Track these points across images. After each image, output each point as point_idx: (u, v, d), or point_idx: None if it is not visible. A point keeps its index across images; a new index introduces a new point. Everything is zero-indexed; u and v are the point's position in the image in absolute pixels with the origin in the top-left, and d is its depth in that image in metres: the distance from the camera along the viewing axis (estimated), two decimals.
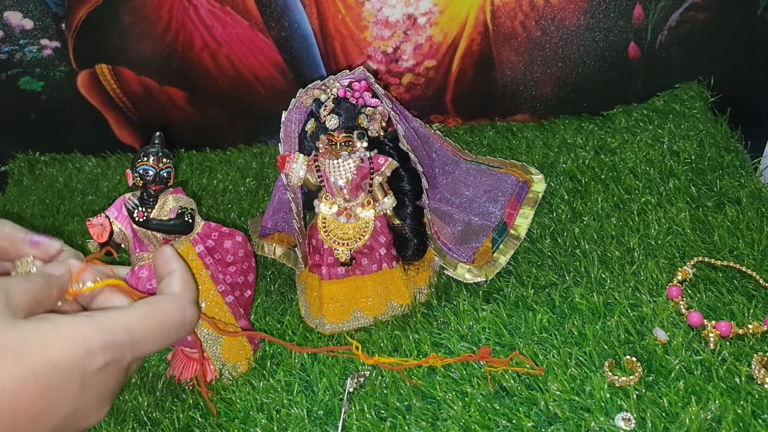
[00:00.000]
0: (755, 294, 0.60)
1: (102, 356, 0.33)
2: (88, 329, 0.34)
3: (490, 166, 0.78)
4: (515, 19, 0.86)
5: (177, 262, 0.42)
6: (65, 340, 0.32)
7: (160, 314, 0.38)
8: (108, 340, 0.34)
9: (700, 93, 0.88)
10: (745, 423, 0.48)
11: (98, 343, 0.33)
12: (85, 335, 0.33)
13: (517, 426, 0.51)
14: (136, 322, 0.36)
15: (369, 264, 0.65)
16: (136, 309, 0.37)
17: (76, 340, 0.33)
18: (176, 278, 0.41)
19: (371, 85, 0.62)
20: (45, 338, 0.32)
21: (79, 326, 0.33)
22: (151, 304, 0.38)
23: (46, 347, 0.31)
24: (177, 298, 0.40)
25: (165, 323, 0.38)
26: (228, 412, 0.58)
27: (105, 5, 0.88)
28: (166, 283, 0.41)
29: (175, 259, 0.42)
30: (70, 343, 0.32)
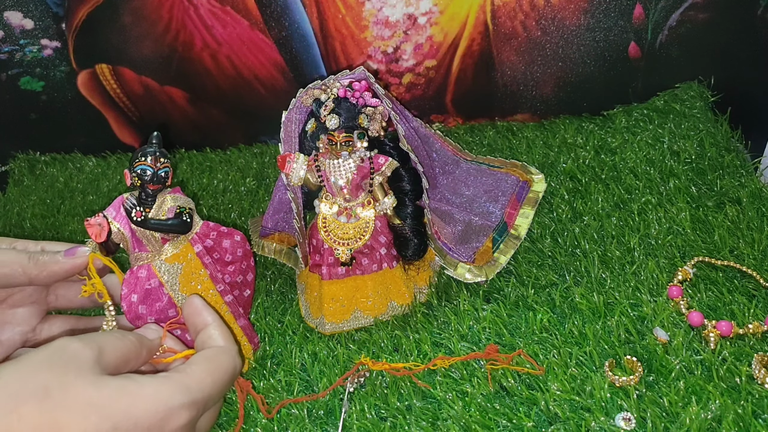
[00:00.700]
0: (756, 294, 0.60)
1: (181, 416, 0.35)
2: (170, 390, 0.35)
3: (490, 165, 0.78)
4: (515, 19, 0.86)
5: (209, 312, 0.44)
6: (148, 399, 0.34)
7: (220, 369, 0.40)
8: (186, 399, 0.35)
9: (700, 93, 0.88)
10: (746, 423, 0.48)
11: (178, 402, 0.35)
12: (167, 396, 0.35)
13: (517, 426, 0.51)
14: (205, 379, 0.38)
15: (369, 264, 0.65)
16: (200, 366, 0.39)
17: (159, 400, 0.34)
18: (216, 330, 0.43)
19: (371, 84, 0.62)
20: (130, 397, 0.33)
21: (160, 387, 0.35)
22: (211, 361, 0.40)
23: (130, 406, 0.33)
24: (228, 350, 0.42)
25: (225, 376, 0.40)
26: (228, 412, 0.58)
27: (105, 5, 0.88)
28: (208, 335, 0.42)
29: (207, 310, 0.44)
30: (152, 403, 0.34)
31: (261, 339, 0.65)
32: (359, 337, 0.64)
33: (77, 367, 0.33)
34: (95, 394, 0.32)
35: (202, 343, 0.42)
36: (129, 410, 0.33)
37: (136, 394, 0.34)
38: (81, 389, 0.32)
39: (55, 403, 0.31)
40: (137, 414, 0.33)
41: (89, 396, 0.32)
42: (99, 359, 0.34)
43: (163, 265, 0.57)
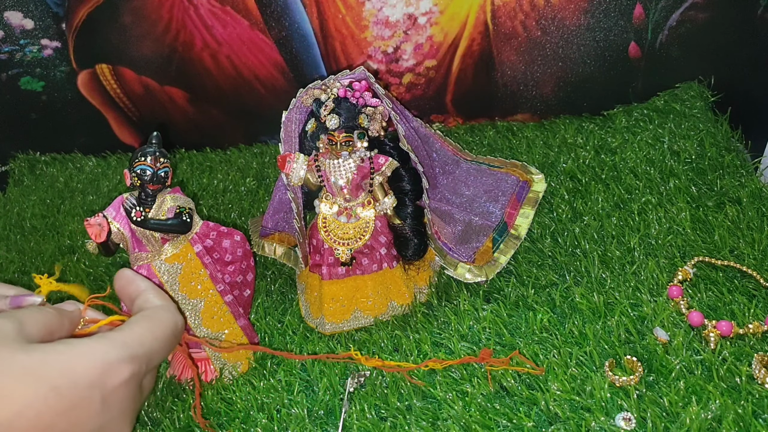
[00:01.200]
0: (756, 294, 0.60)
1: (122, 370, 0.34)
2: (105, 347, 0.34)
3: (490, 165, 0.78)
4: (515, 19, 0.86)
5: (142, 280, 0.43)
6: (84, 357, 0.33)
7: (160, 324, 0.39)
8: (124, 354, 0.34)
9: (700, 93, 0.88)
10: (746, 423, 0.48)
11: (116, 357, 0.34)
12: (102, 352, 0.33)
13: (517, 426, 0.51)
14: (144, 334, 0.37)
15: (369, 264, 0.65)
16: (139, 323, 0.38)
17: (95, 357, 0.33)
18: (151, 294, 0.42)
19: (371, 84, 0.62)
20: (64, 357, 0.32)
21: (95, 345, 0.34)
22: (149, 318, 0.39)
23: (66, 365, 0.32)
24: (166, 307, 0.41)
25: (166, 331, 0.39)
26: (228, 412, 0.58)
27: (105, 5, 0.88)
28: (144, 299, 0.42)
29: (139, 279, 0.43)
30: (89, 361, 0.33)
31: (261, 339, 0.65)
32: (359, 337, 0.64)
33: (3, 339, 0.32)
34: (26, 359, 0.31)
35: (140, 308, 0.41)
36: (65, 369, 0.32)
37: (70, 353, 0.33)
38: (10, 357, 0.31)
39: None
40: (75, 372, 0.32)
41: (20, 361, 0.31)
42: (21, 331, 0.33)
43: (162, 265, 0.57)
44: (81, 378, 0.32)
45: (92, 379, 0.32)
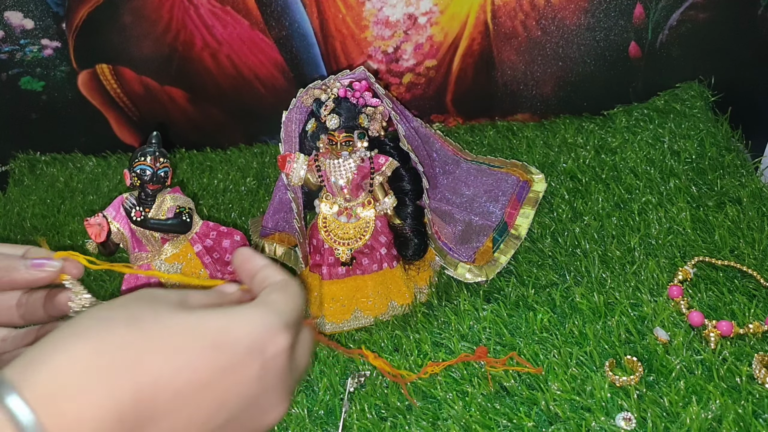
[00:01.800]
0: (756, 294, 0.60)
1: (280, 338, 0.32)
2: (262, 312, 0.33)
3: (490, 165, 0.78)
4: (516, 19, 0.86)
5: (260, 257, 0.41)
6: (244, 321, 0.32)
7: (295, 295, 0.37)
8: (281, 321, 0.33)
9: (700, 92, 0.88)
10: (746, 423, 0.48)
11: (274, 324, 0.32)
12: (260, 317, 0.32)
13: (517, 426, 0.51)
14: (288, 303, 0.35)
15: (369, 264, 0.65)
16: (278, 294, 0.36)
17: (255, 321, 0.32)
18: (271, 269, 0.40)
19: (372, 84, 0.62)
20: (225, 319, 0.31)
21: (253, 310, 0.33)
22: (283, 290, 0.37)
23: (226, 326, 0.31)
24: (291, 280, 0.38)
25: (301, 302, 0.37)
26: None
27: (105, 5, 0.88)
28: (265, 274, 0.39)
29: (257, 255, 0.41)
30: (249, 324, 0.31)
31: None
32: (359, 337, 0.64)
33: (166, 302, 0.31)
34: (187, 317, 0.30)
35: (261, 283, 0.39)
36: (226, 330, 0.30)
37: (230, 316, 0.31)
38: (173, 315, 0.30)
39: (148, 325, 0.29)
40: (235, 333, 0.31)
41: (182, 319, 0.30)
42: (184, 301, 0.33)
43: (162, 265, 0.57)
44: (241, 339, 0.30)
45: (252, 342, 0.31)
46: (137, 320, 0.29)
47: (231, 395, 0.29)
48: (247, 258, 0.41)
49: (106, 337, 0.27)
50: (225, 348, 0.29)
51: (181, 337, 0.29)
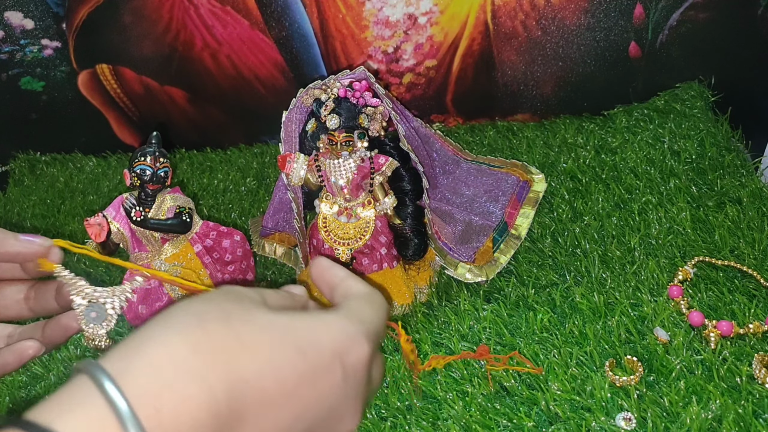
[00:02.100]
0: (756, 294, 0.60)
1: (362, 346, 0.32)
2: (345, 320, 0.33)
3: (490, 165, 0.78)
4: (516, 19, 0.86)
5: (340, 268, 0.41)
6: (327, 327, 0.32)
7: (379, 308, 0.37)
8: (362, 330, 0.33)
9: (700, 92, 0.88)
10: (746, 423, 0.48)
11: (356, 332, 0.32)
12: (343, 324, 0.32)
13: (517, 426, 0.51)
14: (371, 314, 0.35)
15: (369, 264, 0.65)
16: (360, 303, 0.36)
17: (338, 327, 0.32)
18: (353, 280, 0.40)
19: (372, 84, 0.62)
20: (309, 323, 0.31)
21: (335, 317, 0.33)
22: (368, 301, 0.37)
23: (311, 331, 0.31)
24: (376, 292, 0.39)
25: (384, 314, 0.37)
26: None
27: (106, 5, 0.88)
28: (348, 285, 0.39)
29: (336, 266, 0.41)
30: (332, 330, 0.32)
31: None
32: None
33: (251, 301, 0.32)
34: (275, 318, 0.30)
35: (344, 293, 0.39)
36: (311, 334, 0.31)
37: (314, 321, 0.32)
38: (260, 314, 0.30)
39: (240, 324, 0.29)
40: (320, 338, 0.31)
41: (269, 319, 0.30)
42: (264, 301, 0.33)
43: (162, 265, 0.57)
44: (326, 345, 0.31)
45: (336, 349, 0.31)
46: (230, 317, 0.29)
47: (313, 401, 0.29)
48: (326, 268, 0.41)
49: (202, 334, 0.27)
50: (311, 354, 0.30)
51: (271, 337, 0.29)
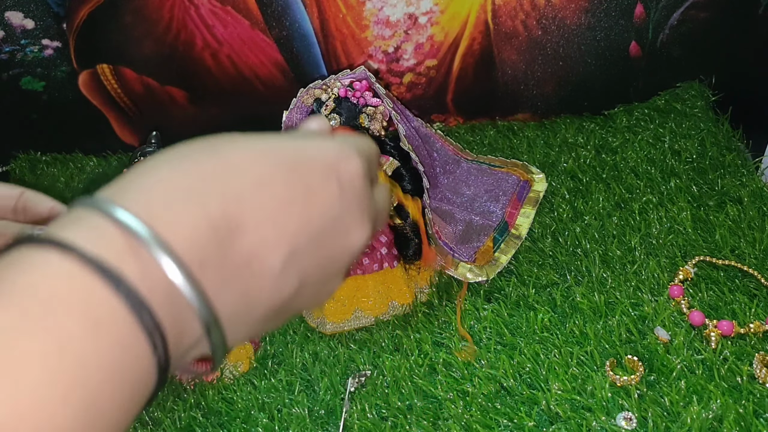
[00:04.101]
0: (757, 293, 0.60)
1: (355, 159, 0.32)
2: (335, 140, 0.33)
3: (491, 165, 0.78)
4: (516, 19, 0.86)
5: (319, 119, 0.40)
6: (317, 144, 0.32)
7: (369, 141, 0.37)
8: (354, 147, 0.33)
9: (701, 92, 0.88)
10: (747, 422, 0.48)
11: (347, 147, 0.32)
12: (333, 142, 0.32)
13: (518, 425, 0.51)
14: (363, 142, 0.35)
15: (370, 263, 0.65)
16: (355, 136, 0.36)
17: (328, 144, 0.32)
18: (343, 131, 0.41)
19: (372, 84, 0.62)
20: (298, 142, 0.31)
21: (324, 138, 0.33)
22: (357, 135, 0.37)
23: (300, 147, 0.31)
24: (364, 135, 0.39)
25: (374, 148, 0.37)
26: (229, 412, 0.58)
27: (106, 5, 0.88)
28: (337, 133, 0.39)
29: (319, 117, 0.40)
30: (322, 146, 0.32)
31: (262, 338, 0.65)
32: (360, 337, 0.64)
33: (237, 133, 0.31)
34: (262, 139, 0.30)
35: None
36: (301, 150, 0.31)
37: (304, 139, 0.32)
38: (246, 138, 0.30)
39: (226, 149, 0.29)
40: (310, 153, 0.30)
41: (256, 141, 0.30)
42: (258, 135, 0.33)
43: None
44: (317, 159, 0.31)
45: (328, 162, 0.31)
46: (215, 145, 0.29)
47: (313, 212, 0.29)
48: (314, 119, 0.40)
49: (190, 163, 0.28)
50: (303, 166, 0.30)
51: (259, 155, 0.29)
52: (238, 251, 0.26)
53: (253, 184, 0.28)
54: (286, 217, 0.28)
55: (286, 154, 0.30)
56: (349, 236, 0.32)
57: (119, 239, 0.23)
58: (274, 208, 0.28)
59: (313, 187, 0.29)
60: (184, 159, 0.28)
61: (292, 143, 0.31)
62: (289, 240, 0.28)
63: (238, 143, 0.30)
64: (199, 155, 0.28)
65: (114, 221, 0.24)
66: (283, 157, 0.30)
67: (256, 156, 0.29)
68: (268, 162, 0.29)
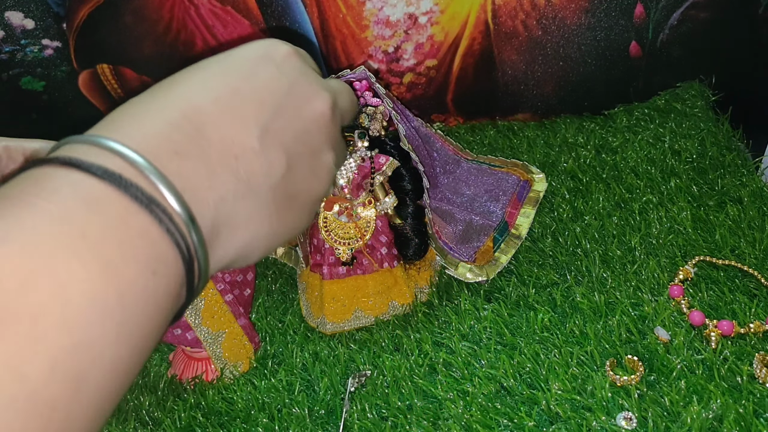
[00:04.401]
0: (757, 293, 0.60)
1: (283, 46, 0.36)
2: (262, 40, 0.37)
3: (491, 165, 0.78)
4: (516, 18, 0.86)
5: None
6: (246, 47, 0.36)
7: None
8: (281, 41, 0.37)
9: (701, 92, 0.88)
10: (747, 422, 0.48)
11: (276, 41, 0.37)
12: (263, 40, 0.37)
13: (518, 425, 0.51)
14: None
15: (370, 263, 0.65)
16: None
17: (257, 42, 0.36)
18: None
19: (372, 84, 0.62)
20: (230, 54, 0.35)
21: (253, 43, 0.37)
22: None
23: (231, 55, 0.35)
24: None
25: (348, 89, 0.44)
26: (229, 412, 0.58)
27: (106, 5, 0.88)
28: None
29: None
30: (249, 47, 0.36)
31: (262, 338, 0.65)
32: (360, 337, 0.64)
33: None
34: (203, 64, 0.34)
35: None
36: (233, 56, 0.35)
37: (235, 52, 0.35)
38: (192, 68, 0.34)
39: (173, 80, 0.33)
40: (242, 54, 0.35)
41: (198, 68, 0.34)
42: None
43: None
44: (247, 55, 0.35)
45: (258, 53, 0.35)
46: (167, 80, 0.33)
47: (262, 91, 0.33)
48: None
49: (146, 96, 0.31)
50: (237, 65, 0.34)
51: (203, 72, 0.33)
52: (212, 142, 0.29)
53: (203, 89, 0.31)
54: (240, 104, 0.32)
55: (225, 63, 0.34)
56: (311, 104, 0.35)
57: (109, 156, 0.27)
58: (227, 101, 0.31)
59: (253, 74, 0.33)
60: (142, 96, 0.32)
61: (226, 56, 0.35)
62: (254, 120, 0.31)
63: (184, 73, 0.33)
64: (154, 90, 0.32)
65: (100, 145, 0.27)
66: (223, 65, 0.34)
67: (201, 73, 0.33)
68: (212, 71, 0.33)
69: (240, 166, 0.30)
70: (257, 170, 0.31)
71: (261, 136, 0.31)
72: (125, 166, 0.26)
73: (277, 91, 0.33)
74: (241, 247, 0.31)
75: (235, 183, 0.30)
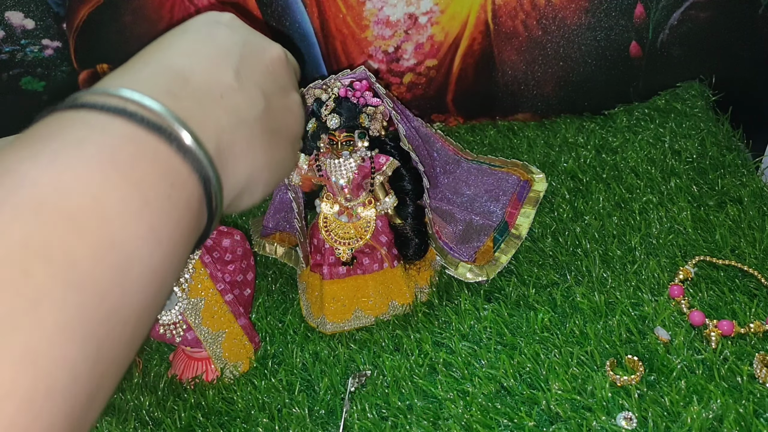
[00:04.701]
0: (757, 293, 0.60)
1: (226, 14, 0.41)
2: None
3: (491, 165, 0.78)
4: (516, 19, 0.86)
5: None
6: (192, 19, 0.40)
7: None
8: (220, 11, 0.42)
9: (701, 92, 0.88)
10: (747, 422, 0.48)
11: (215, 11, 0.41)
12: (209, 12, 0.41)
13: (518, 425, 0.51)
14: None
15: (370, 263, 0.65)
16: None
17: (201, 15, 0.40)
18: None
19: (372, 84, 0.62)
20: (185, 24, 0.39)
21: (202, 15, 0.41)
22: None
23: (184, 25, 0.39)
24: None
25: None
26: (229, 412, 0.58)
27: (106, 5, 0.88)
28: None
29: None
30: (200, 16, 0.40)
31: (262, 338, 0.65)
32: (360, 337, 0.64)
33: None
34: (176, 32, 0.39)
35: None
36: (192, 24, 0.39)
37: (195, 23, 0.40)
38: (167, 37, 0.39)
39: (154, 47, 0.38)
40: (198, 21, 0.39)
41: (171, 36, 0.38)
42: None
43: None
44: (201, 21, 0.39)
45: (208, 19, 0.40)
46: (140, 53, 0.39)
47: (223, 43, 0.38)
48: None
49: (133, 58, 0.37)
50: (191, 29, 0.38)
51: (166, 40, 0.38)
52: (198, 86, 0.34)
53: (177, 52, 0.36)
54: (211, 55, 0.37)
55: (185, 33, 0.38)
56: (268, 51, 0.40)
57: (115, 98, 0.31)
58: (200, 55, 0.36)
59: (210, 34, 0.38)
60: (122, 67, 0.37)
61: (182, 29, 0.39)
62: (226, 65, 0.36)
63: (149, 47, 0.38)
64: (131, 61, 0.38)
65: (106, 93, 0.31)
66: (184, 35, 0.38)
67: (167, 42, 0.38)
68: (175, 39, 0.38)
69: (227, 102, 0.35)
70: (241, 104, 0.36)
71: (236, 77, 0.36)
72: (130, 103, 0.30)
73: (236, 44, 0.38)
74: (246, 176, 0.36)
75: (226, 116, 0.34)
